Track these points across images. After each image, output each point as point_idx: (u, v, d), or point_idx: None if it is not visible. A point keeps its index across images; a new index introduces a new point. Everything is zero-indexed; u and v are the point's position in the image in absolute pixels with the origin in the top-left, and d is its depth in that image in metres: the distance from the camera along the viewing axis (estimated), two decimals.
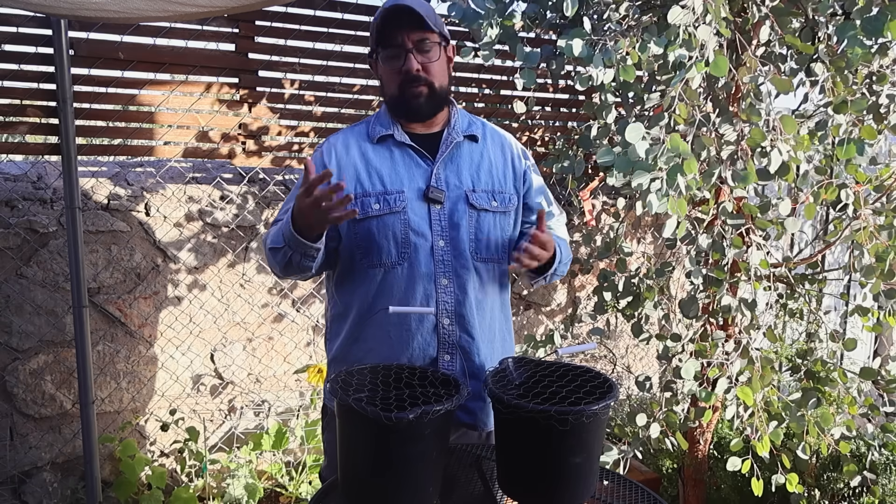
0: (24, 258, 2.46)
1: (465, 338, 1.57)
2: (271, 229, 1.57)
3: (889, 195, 2.22)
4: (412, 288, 1.53)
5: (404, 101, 1.55)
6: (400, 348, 1.55)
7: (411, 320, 1.55)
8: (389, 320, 1.54)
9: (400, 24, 1.50)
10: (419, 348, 1.55)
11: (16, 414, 2.51)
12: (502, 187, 1.62)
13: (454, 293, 1.55)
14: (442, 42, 1.56)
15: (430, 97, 1.55)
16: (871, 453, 2.57)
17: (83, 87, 2.49)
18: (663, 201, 1.70)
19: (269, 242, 1.53)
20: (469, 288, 1.56)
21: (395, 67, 1.52)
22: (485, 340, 1.60)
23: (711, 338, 2.23)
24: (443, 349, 1.56)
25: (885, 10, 1.68)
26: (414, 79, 1.52)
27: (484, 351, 1.59)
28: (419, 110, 1.56)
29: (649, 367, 3.78)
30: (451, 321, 1.56)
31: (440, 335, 1.56)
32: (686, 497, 2.66)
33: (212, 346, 2.83)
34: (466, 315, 1.56)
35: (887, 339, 3.90)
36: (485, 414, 1.62)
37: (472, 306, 1.57)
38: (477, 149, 1.63)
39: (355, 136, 1.62)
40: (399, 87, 1.54)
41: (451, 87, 1.62)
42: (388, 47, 1.52)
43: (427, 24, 1.49)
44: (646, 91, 2.23)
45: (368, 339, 1.58)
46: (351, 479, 1.25)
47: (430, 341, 1.55)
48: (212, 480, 2.74)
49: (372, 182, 1.56)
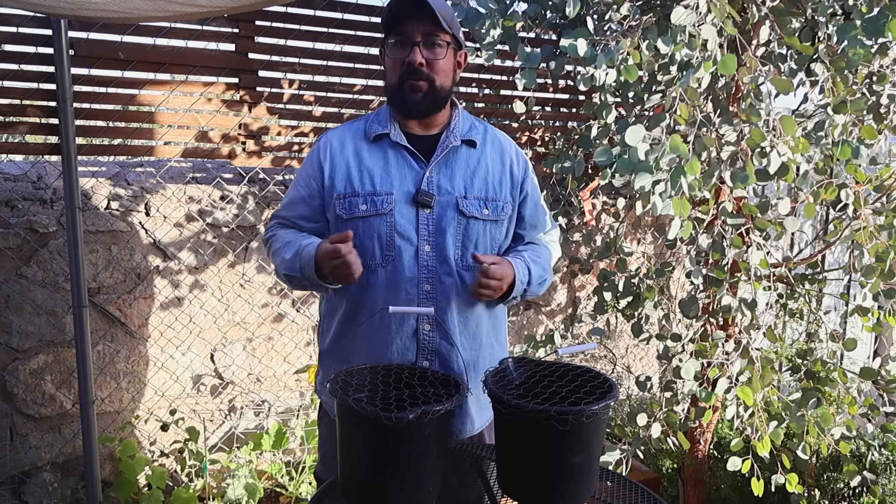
0: (24, 258, 2.47)
1: (444, 344, 1.56)
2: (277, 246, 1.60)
3: (889, 195, 2.22)
4: (395, 291, 1.53)
5: (402, 94, 1.54)
6: (379, 350, 1.55)
7: (392, 324, 1.54)
8: (372, 323, 1.54)
9: (411, 15, 1.49)
10: (398, 352, 1.55)
11: (16, 414, 2.51)
12: (496, 195, 1.60)
13: (436, 299, 1.54)
14: (452, 44, 1.55)
15: (429, 94, 1.53)
16: (871, 453, 2.57)
17: (83, 87, 2.49)
18: (667, 203, 1.70)
19: (282, 268, 1.56)
20: (452, 295, 1.55)
21: (398, 57, 1.52)
22: (466, 348, 1.59)
23: (711, 338, 2.23)
24: (421, 354, 1.56)
25: (885, 10, 1.68)
26: (415, 72, 1.50)
27: (466, 358, 1.58)
28: (416, 106, 1.54)
29: (649, 367, 3.78)
30: (431, 327, 1.55)
31: (419, 340, 1.55)
32: (686, 497, 2.66)
33: (212, 346, 2.83)
34: (448, 322, 1.55)
35: (887, 339, 3.90)
36: (460, 421, 1.61)
37: (453, 313, 1.56)
38: (474, 154, 1.61)
39: (352, 132, 1.62)
40: (399, 79, 1.53)
41: (453, 90, 1.61)
42: (396, 36, 1.52)
43: (439, 20, 1.49)
44: (646, 91, 2.23)
45: (353, 337, 1.59)
46: (351, 479, 1.25)
47: (409, 346, 1.55)
48: (212, 480, 2.74)
49: (362, 182, 1.55)
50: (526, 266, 1.58)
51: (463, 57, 1.62)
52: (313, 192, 1.60)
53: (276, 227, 1.66)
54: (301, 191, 1.62)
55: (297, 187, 1.63)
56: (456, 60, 1.59)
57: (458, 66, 1.60)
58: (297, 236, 1.58)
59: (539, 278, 1.62)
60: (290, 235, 1.60)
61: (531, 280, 1.59)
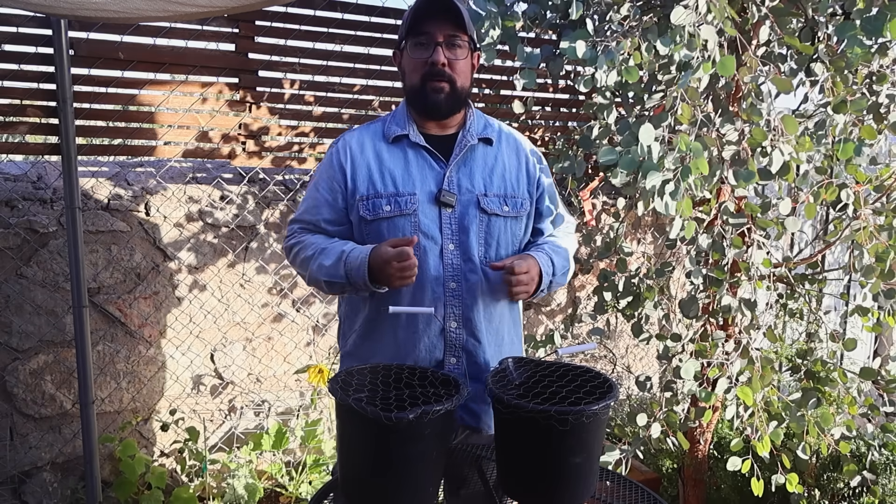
0: (24, 258, 2.46)
1: (471, 341, 1.58)
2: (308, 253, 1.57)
3: (889, 195, 2.22)
4: (421, 290, 1.54)
5: (424, 95, 1.54)
6: (406, 349, 1.56)
7: (419, 322, 1.55)
8: (398, 321, 1.55)
9: (435, 16, 1.51)
10: (426, 350, 1.56)
11: (16, 414, 2.51)
12: (515, 192, 1.62)
13: (462, 297, 1.55)
14: (470, 45, 1.57)
15: (451, 95, 1.54)
16: (871, 453, 2.57)
17: (83, 87, 2.49)
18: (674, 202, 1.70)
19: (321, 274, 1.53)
20: (477, 292, 1.56)
21: (421, 57, 1.53)
22: (491, 344, 1.60)
23: (711, 338, 2.23)
24: (449, 352, 1.57)
25: (884, 10, 1.68)
26: (438, 72, 1.52)
27: (490, 354, 1.59)
28: (438, 107, 1.55)
29: (649, 367, 3.78)
30: (458, 324, 1.56)
31: (447, 338, 1.56)
32: (686, 497, 2.66)
33: (212, 346, 2.83)
34: (474, 319, 1.57)
35: (887, 339, 3.90)
36: (489, 416, 1.61)
37: (479, 310, 1.57)
38: (491, 152, 1.63)
39: (370, 134, 1.62)
40: (422, 79, 1.53)
41: (471, 91, 1.62)
42: (419, 36, 1.52)
43: (462, 21, 1.51)
44: (646, 91, 2.23)
45: (378, 338, 1.59)
46: (351, 479, 1.25)
47: (436, 344, 1.56)
48: (212, 480, 2.74)
49: (384, 183, 1.56)
50: (548, 258, 1.60)
51: (477, 58, 1.63)
52: (336, 195, 1.59)
53: (301, 233, 1.63)
54: (324, 194, 1.60)
55: (319, 190, 1.61)
56: (472, 62, 1.61)
57: (473, 67, 1.62)
58: (330, 242, 1.57)
59: (562, 268, 1.65)
60: (322, 241, 1.58)
61: (555, 271, 1.61)
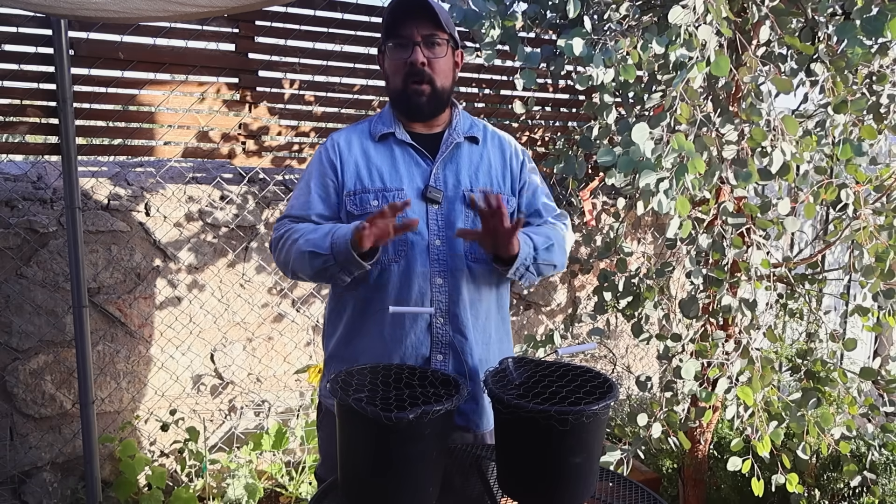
0: (24, 258, 2.46)
1: (458, 338, 1.57)
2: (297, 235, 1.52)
3: (889, 195, 2.22)
4: (407, 286, 1.54)
5: (406, 97, 1.56)
6: (393, 346, 1.55)
7: (406, 319, 1.55)
8: (384, 318, 1.54)
9: (411, 17, 1.51)
10: (412, 347, 1.55)
11: (16, 414, 2.51)
12: (500, 189, 1.63)
13: (448, 292, 1.56)
14: (450, 43, 1.57)
15: (432, 97, 1.56)
16: (871, 453, 2.57)
17: (83, 87, 2.49)
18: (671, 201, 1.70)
19: (305, 245, 1.48)
20: (463, 287, 1.57)
21: (400, 58, 1.53)
22: (478, 342, 1.60)
23: (711, 338, 2.23)
24: (435, 349, 1.56)
25: (884, 10, 1.68)
26: (418, 72, 1.52)
27: (477, 352, 1.59)
28: (420, 109, 1.57)
29: (649, 367, 3.78)
30: (444, 320, 1.56)
31: (433, 334, 1.56)
32: (686, 497, 2.66)
33: (212, 346, 2.83)
34: (460, 314, 1.57)
35: (887, 339, 3.90)
36: (478, 416, 1.61)
37: (465, 306, 1.57)
38: (477, 150, 1.64)
39: (357, 133, 1.64)
40: (403, 80, 1.54)
41: (453, 89, 1.63)
42: (397, 38, 1.53)
43: (438, 20, 1.51)
44: (646, 91, 2.23)
45: (363, 336, 1.59)
46: (351, 479, 1.25)
47: (423, 340, 1.56)
48: (212, 480, 2.74)
49: (372, 179, 1.57)
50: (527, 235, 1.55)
51: (460, 56, 1.64)
52: (329, 189, 1.59)
53: (290, 223, 1.59)
54: (318, 190, 1.59)
55: (311, 187, 1.60)
56: (454, 60, 1.62)
57: (456, 65, 1.63)
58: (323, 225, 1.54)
59: (544, 243, 1.57)
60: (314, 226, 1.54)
61: (536, 245, 1.54)
